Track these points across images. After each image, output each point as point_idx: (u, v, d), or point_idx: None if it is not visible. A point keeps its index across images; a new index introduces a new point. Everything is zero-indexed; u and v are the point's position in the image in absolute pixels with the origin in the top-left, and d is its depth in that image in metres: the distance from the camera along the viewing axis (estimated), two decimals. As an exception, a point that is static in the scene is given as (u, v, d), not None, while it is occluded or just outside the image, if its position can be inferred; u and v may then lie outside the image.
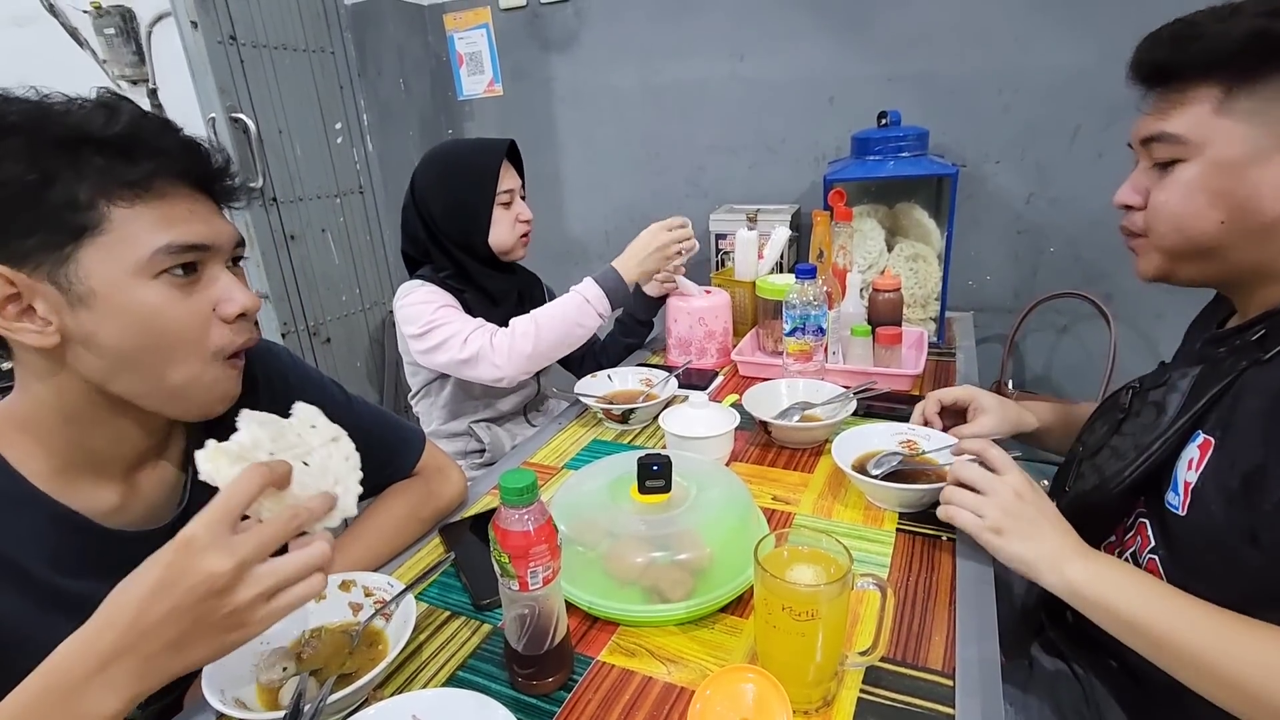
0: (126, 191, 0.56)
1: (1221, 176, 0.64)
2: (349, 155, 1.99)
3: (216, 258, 0.63)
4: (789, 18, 1.84)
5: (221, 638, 0.49)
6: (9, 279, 0.55)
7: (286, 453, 0.56)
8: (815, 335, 1.16)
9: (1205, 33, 0.63)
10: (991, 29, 1.64)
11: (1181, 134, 0.65)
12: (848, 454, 0.93)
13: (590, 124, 2.19)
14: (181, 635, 0.48)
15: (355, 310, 2.05)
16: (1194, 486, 0.66)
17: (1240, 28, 0.61)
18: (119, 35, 2.25)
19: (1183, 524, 0.66)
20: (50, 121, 0.55)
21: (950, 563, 0.77)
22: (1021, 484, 0.71)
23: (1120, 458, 0.73)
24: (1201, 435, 0.67)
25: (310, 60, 1.85)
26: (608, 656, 0.67)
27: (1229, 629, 0.57)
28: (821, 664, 0.58)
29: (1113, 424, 0.78)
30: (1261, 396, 0.62)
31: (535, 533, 0.57)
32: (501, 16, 2.16)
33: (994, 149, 1.71)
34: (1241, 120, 0.62)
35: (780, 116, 1.94)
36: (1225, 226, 0.65)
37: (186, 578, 0.47)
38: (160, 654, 0.48)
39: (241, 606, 0.48)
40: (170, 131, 0.61)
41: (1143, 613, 0.60)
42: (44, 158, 0.54)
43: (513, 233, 1.32)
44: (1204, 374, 0.69)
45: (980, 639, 0.66)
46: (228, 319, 0.63)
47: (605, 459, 0.87)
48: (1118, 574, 0.64)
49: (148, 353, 0.59)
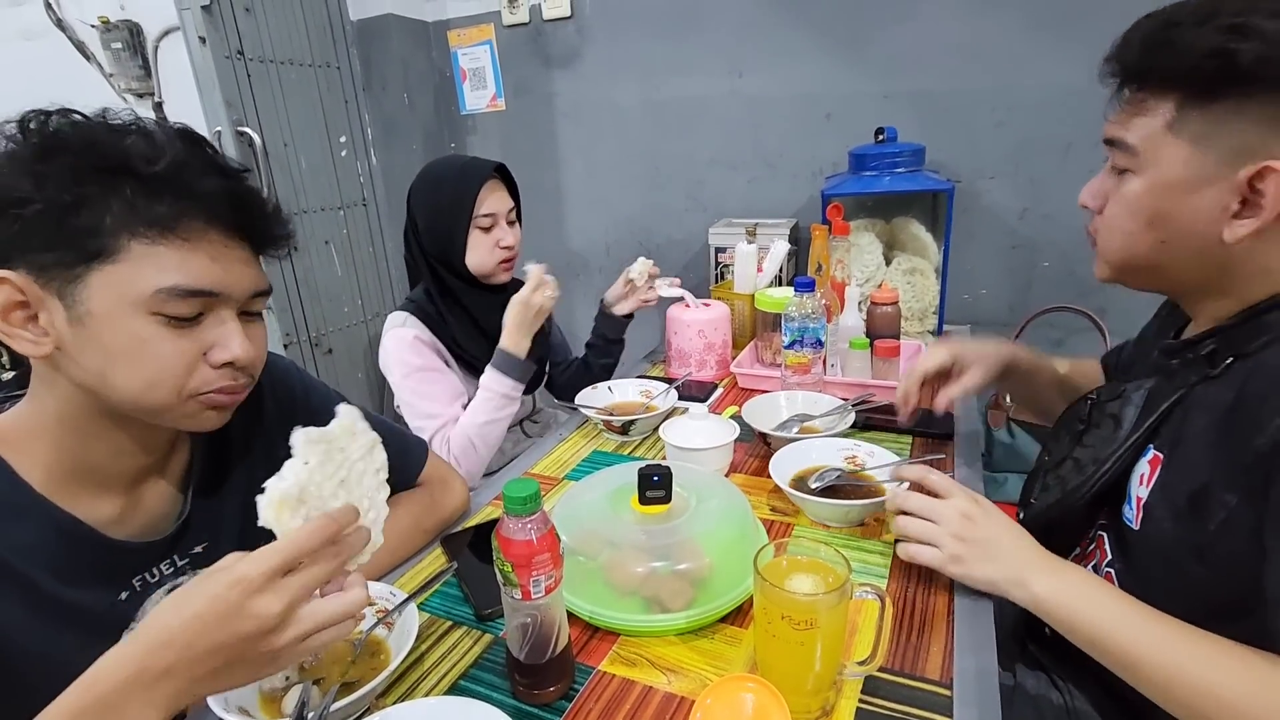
0: (150, 229, 0.57)
1: (1162, 198, 0.64)
2: (353, 168, 2.01)
3: (226, 304, 0.62)
4: (788, 36, 1.87)
5: (257, 671, 0.51)
6: (20, 288, 0.56)
7: (331, 477, 0.55)
8: (814, 348, 1.17)
9: (1174, 40, 0.61)
10: (986, 48, 1.67)
11: (1134, 144, 0.65)
12: (787, 469, 0.94)
13: (591, 139, 2.22)
14: (224, 665, 0.49)
15: (357, 321, 2.06)
16: (1145, 501, 0.67)
17: (1202, 42, 0.58)
18: (126, 49, 2.28)
19: (1136, 537, 0.67)
20: (99, 146, 0.57)
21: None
22: (967, 505, 0.71)
23: (1081, 471, 0.74)
24: (1152, 451, 0.68)
25: (316, 75, 1.88)
26: (608, 666, 0.68)
27: (1193, 645, 0.57)
28: (820, 673, 0.59)
29: (1074, 435, 0.79)
30: (1207, 414, 0.63)
31: (538, 542, 0.58)
32: (505, 33, 2.19)
33: (988, 165, 1.74)
34: (1188, 141, 0.61)
35: (779, 132, 1.96)
36: (1166, 246, 0.66)
37: (237, 618, 0.48)
38: (202, 679, 0.49)
39: (282, 647, 0.49)
40: (215, 174, 0.61)
41: (1108, 628, 0.61)
42: (83, 182, 0.55)
43: (491, 257, 1.30)
44: (1157, 387, 0.70)
45: (977, 650, 0.66)
46: (214, 364, 0.62)
47: (606, 470, 0.88)
48: (1083, 587, 0.64)
49: (127, 379, 0.59)
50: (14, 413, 0.65)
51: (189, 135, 0.62)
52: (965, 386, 0.93)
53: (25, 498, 0.61)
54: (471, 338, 1.33)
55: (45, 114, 0.57)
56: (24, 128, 0.56)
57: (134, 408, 0.61)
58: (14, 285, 0.56)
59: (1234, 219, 0.61)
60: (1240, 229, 0.61)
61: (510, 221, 1.33)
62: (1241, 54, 0.56)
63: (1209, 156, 0.60)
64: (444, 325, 1.31)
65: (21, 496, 0.61)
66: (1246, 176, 0.59)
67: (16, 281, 0.56)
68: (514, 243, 1.33)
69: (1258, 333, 0.62)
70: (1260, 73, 0.56)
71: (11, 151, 0.56)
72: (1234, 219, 0.61)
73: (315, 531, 0.51)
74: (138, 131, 0.59)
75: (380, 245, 2.12)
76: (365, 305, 2.09)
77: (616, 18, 2.04)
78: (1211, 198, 0.61)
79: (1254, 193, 0.59)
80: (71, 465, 0.64)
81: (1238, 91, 0.58)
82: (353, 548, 0.54)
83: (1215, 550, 0.59)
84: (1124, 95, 0.66)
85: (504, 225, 1.31)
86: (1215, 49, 0.57)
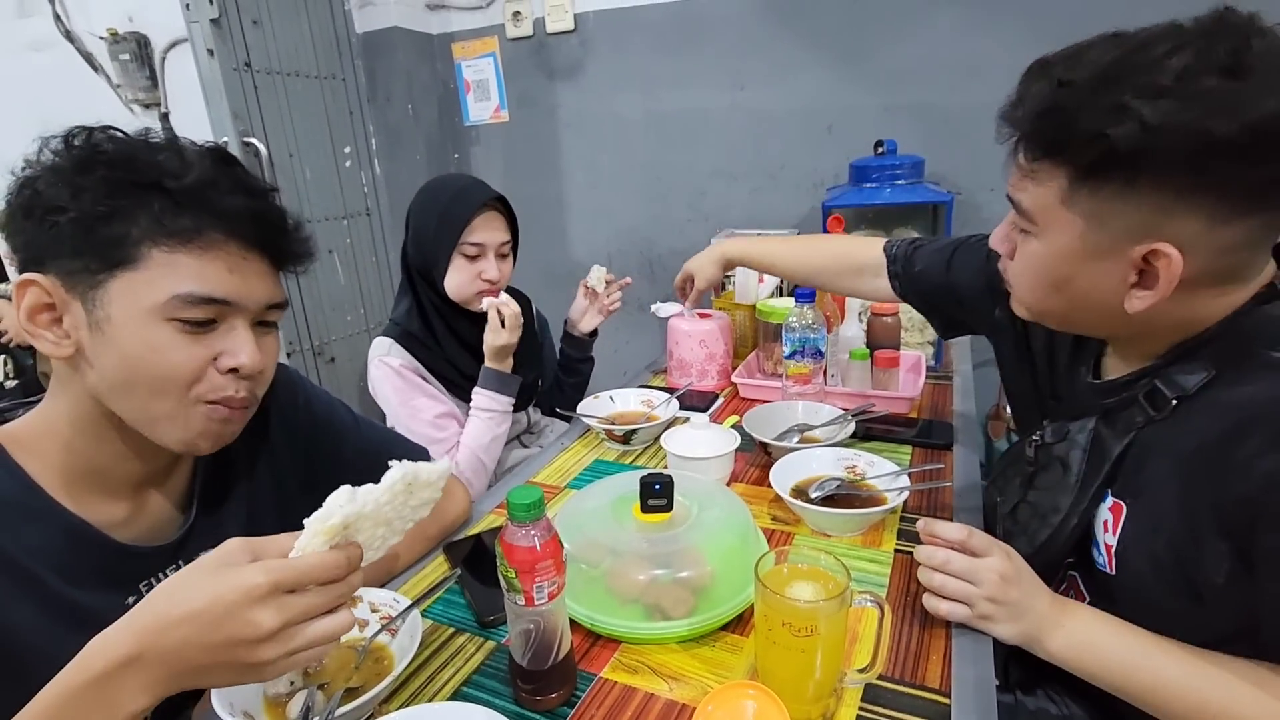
0: (171, 239, 0.59)
1: (1062, 265, 0.63)
2: (357, 178, 2.03)
3: (240, 314, 0.64)
4: (789, 49, 1.89)
5: (240, 676, 0.51)
6: (48, 290, 0.59)
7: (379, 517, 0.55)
8: (814, 358, 1.18)
9: (1063, 107, 0.57)
10: (985, 62, 1.69)
11: (1030, 210, 0.63)
12: (788, 478, 0.95)
13: (594, 150, 2.24)
14: (210, 665, 0.49)
15: (359, 330, 2.08)
16: (1116, 550, 0.66)
17: (1086, 122, 0.55)
18: (133, 60, 2.30)
19: (1114, 581, 0.67)
20: (133, 162, 0.59)
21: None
22: (1004, 565, 0.67)
23: (1042, 519, 0.73)
24: (1111, 498, 0.67)
25: (322, 86, 1.90)
26: (610, 673, 0.68)
27: (1215, 671, 0.58)
28: (821, 680, 0.59)
29: (1024, 477, 0.78)
30: (1166, 459, 0.62)
31: (541, 548, 0.59)
32: (509, 45, 2.22)
33: (988, 177, 1.75)
34: (1081, 216, 0.59)
35: (780, 144, 1.98)
36: (1073, 306, 0.66)
37: (234, 623, 0.48)
38: (187, 674, 0.50)
39: (268, 660, 0.49)
40: (241, 192, 0.63)
41: (1130, 669, 0.62)
42: (115, 195, 0.58)
43: (470, 286, 1.26)
44: (1100, 430, 0.70)
45: (976, 660, 0.67)
46: (221, 370, 0.63)
47: (608, 478, 0.89)
48: (1096, 635, 0.64)
49: (136, 384, 0.60)
50: (30, 415, 0.66)
51: (221, 155, 0.65)
52: (698, 289, 1.32)
53: (36, 500, 0.62)
54: (455, 355, 1.31)
55: (89, 130, 0.60)
56: (68, 142, 0.59)
57: (140, 416, 0.62)
58: (42, 288, 0.59)
59: (1134, 288, 0.60)
60: (1138, 302, 0.60)
61: (502, 255, 1.29)
62: (1121, 140, 0.53)
63: (1103, 233, 0.59)
64: (425, 347, 1.30)
65: (33, 499, 0.62)
66: (1140, 254, 0.57)
67: (44, 285, 0.59)
68: (498, 277, 1.27)
69: (1193, 370, 0.62)
70: (1140, 161, 0.54)
71: (55, 164, 0.59)
72: (1134, 288, 0.60)
73: (334, 564, 0.51)
74: (171, 149, 0.62)
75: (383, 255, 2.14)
76: (368, 314, 2.10)
77: (619, 31, 2.07)
78: (1109, 269, 0.60)
79: (1150, 267, 0.58)
80: (81, 468, 0.65)
81: (1122, 175, 0.56)
82: (354, 586, 0.54)
83: (1215, 593, 0.58)
84: (1018, 157, 0.64)
85: (491, 258, 1.26)
86: (1096, 133, 0.54)
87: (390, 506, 0.55)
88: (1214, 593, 0.58)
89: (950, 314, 1.02)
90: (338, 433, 0.89)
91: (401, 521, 0.58)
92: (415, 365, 1.28)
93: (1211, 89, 0.51)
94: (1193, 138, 0.52)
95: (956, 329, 1.05)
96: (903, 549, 0.85)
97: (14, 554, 0.60)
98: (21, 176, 0.59)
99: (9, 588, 0.59)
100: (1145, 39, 0.55)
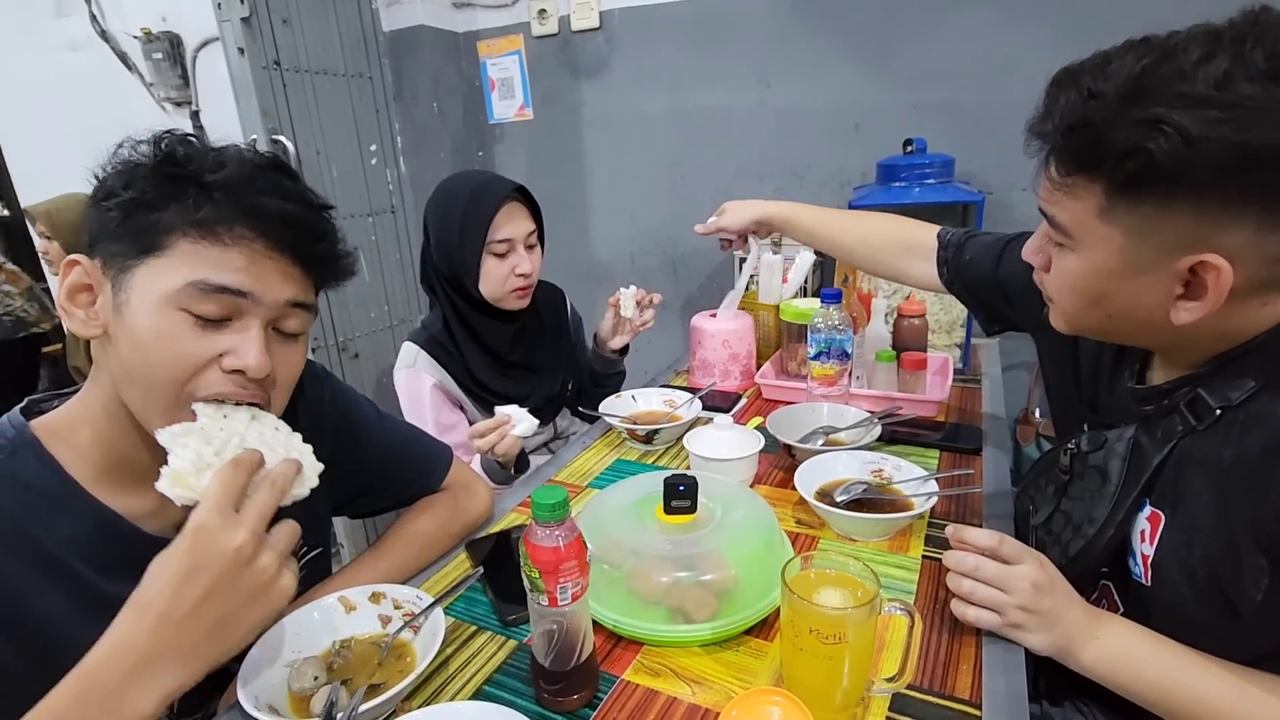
0: (199, 229, 0.60)
1: (1100, 280, 0.61)
2: (382, 176, 2.04)
3: (255, 312, 0.63)
4: (816, 47, 1.86)
5: (254, 610, 0.54)
6: (88, 271, 0.61)
7: (225, 447, 0.60)
8: (840, 359, 1.16)
9: (1095, 121, 0.55)
10: (1016, 61, 1.65)
11: (1066, 225, 0.61)
12: (812, 481, 0.93)
13: (618, 148, 2.23)
14: (220, 617, 0.51)
15: (383, 327, 2.09)
16: (1152, 560, 0.65)
17: (1120, 138, 0.53)
18: (166, 59, 2.34)
19: (1149, 593, 0.65)
20: (178, 157, 0.61)
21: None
22: (1037, 574, 0.65)
23: (1078, 531, 0.72)
24: (1149, 507, 0.66)
25: (349, 85, 1.91)
26: (632, 675, 0.67)
27: (1249, 685, 0.57)
28: (848, 689, 0.58)
29: (1058, 486, 0.76)
30: (1206, 471, 0.61)
31: (565, 549, 0.58)
32: (534, 44, 2.22)
33: (1020, 176, 1.71)
34: (1120, 231, 0.57)
35: (806, 143, 1.95)
36: (1113, 320, 0.64)
37: (213, 558, 0.51)
38: (202, 642, 0.51)
39: (266, 572, 0.53)
40: (278, 196, 0.63)
41: (1168, 683, 0.60)
42: (157, 185, 0.60)
43: (504, 285, 1.24)
44: (1139, 438, 0.68)
45: (1008, 670, 0.65)
46: (225, 369, 0.62)
47: (630, 479, 0.88)
48: (1132, 648, 0.63)
49: (138, 371, 0.61)
50: (67, 405, 0.68)
51: (273, 161, 0.67)
52: (717, 223, 1.24)
53: (68, 490, 0.63)
54: (485, 366, 1.30)
55: (172, 134, 0.63)
56: (154, 143, 0.62)
57: (139, 405, 0.62)
58: (83, 268, 0.62)
59: (1179, 300, 0.58)
60: (1185, 314, 0.57)
61: (530, 246, 1.26)
62: (1160, 154, 0.51)
63: (1145, 246, 0.56)
64: (455, 356, 1.28)
65: (65, 489, 0.63)
66: (1186, 266, 0.55)
67: (85, 265, 0.62)
68: (531, 270, 1.25)
69: (1238, 379, 0.60)
70: (1181, 174, 0.52)
71: (128, 158, 0.62)
72: (1179, 300, 0.58)
73: (232, 467, 0.56)
74: (220, 150, 0.64)
75: (407, 252, 2.16)
76: (392, 311, 2.12)
77: (644, 29, 2.06)
78: (1152, 283, 0.58)
79: (1196, 279, 0.56)
80: (112, 459, 0.66)
81: (1163, 190, 0.53)
82: (285, 476, 0.59)
83: (1252, 608, 0.57)
84: (1049, 171, 0.61)
85: (521, 251, 1.24)
86: (1132, 148, 0.52)
87: (217, 440, 0.60)
88: (1251, 608, 0.57)
89: (996, 308, 0.99)
90: (362, 428, 0.89)
91: (258, 441, 0.63)
92: (443, 378, 1.27)
93: (1252, 96, 0.49)
94: (1236, 148, 0.49)
95: (1000, 323, 1.01)
96: (930, 555, 0.83)
97: (46, 544, 0.61)
98: (104, 170, 0.63)
99: (40, 577, 0.60)
100: (1176, 44, 0.52)
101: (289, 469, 0.60)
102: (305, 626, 0.70)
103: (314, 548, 0.85)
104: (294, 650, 0.68)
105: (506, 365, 1.30)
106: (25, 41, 2.64)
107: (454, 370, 1.28)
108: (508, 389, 1.30)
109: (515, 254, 1.24)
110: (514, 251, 1.24)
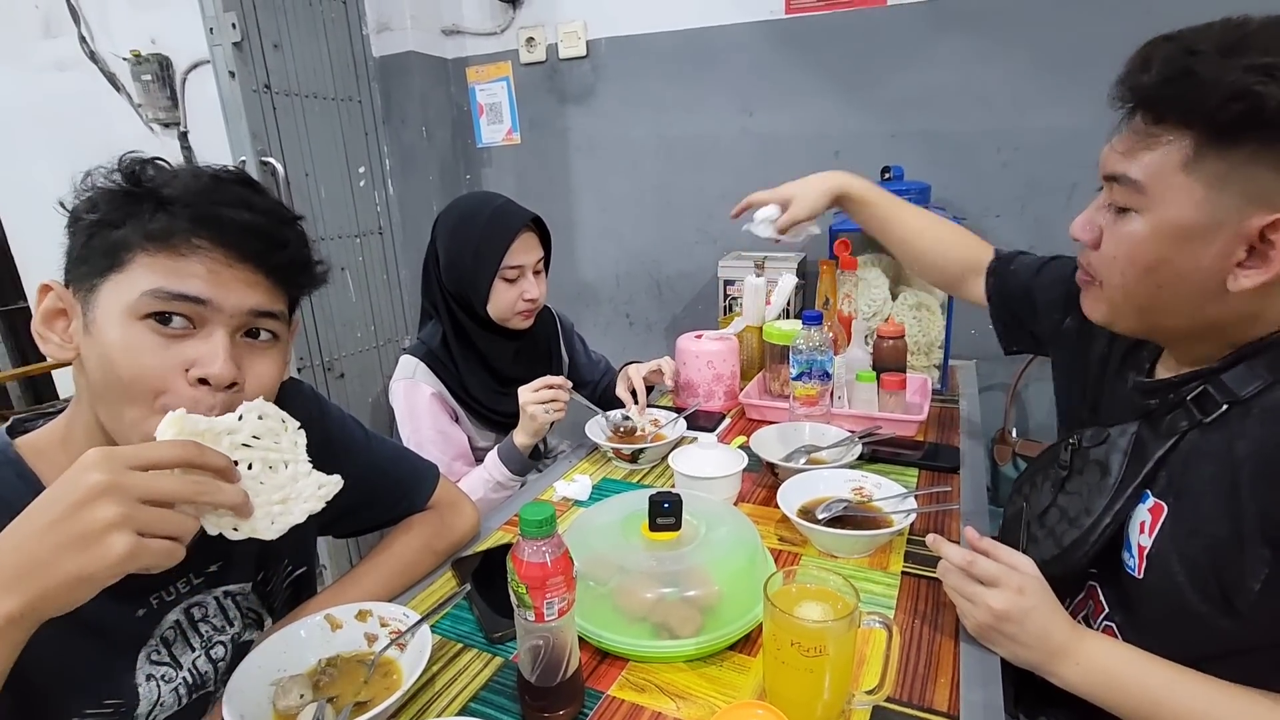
0: (155, 242, 0.60)
1: (1165, 241, 0.61)
2: (370, 198, 2.06)
3: (218, 319, 0.62)
4: (797, 77, 1.92)
5: (66, 558, 0.47)
6: (60, 295, 0.62)
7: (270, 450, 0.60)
8: (821, 380, 1.18)
9: (1197, 71, 0.56)
10: (991, 91, 1.71)
11: (1141, 180, 0.61)
12: (794, 499, 0.95)
13: (604, 173, 2.27)
14: (32, 554, 0.47)
15: (370, 347, 2.09)
16: (1149, 551, 0.65)
17: (1228, 80, 0.54)
18: (155, 81, 2.36)
19: (1140, 586, 0.66)
20: (136, 175, 0.62)
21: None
22: (1004, 605, 0.65)
23: (1072, 523, 0.72)
24: (1151, 498, 0.67)
25: (338, 108, 1.94)
26: (618, 691, 0.68)
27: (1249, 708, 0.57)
28: (829, 701, 0.60)
29: (1056, 481, 0.77)
30: (1212, 464, 0.62)
31: (552, 564, 0.59)
32: (522, 70, 2.26)
33: (994, 203, 1.77)
34: (1203, 184, 0.58)
35: (788, 169, 1.97)
36: (1160, 292, 0.64)
37: (58, 492, 0.48)
38: (18, 578, 0.47)
39: (95, 523, 0.47)
40: (241, 207, 0.63)
41: (1155, 701, 0.60)
42: (116, 204, 0.61)
43: (512, 308, 1.28)
44: (1142, 431, 0.69)
45: (985, 682, 0.67)
46: (191, 381, 0.61)
47: (616, 497, 0.89)
48: (1115, 665, 0.63)
49: (110, 388, 0.60)
50: (50, 424, 0.68)
51: (235, 174, 0.67)
52: (793, 215, 1.13)
53: None
54: (482, 384, 1.32)
55: (137, 155, 0.64)
56: (119, 168, 0.63)
57: (115, 423, 0.62)
58: (57, 293, 0.63)
59: (1239, 267, 0.59)
60: (1245, 280, 0.58)
61: (537, 272, 1.31)
62: (1270, 99, 0.52)
63: (1223, 200, 0.57)
64: (454, 371, 1.30)
65: None
66: (1259, 226, 0.56)
67: (57, 289, 0.63)
68: (538, 295, 1.29)
69: (1248, 377, 0.62)
70: None
71: (103, 186, 0.62)
72: (1239, 267, 0.59)
73: (172, 446, 0.52)
74: (179, 168, 0.64)
75: (394, 273, 2.17)
76: (378, 331, 2.12)
77: (630, 58, 2.11)
78: (1218, 244, 0.58)
79: (1263, 243, 0.57)
80: None
81: (1260, 137, 0.55)
82: (215, 491, 0.53)
83: (1248, 600, 0.58)
84: (1134, 124, 0.62)
85: (530, 277, 1.28)
86: (1241, 90, 0.53)
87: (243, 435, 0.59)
88: (1246, 600, 0.58)
89: (1020, 318, 1.01)
90: (349, 447, 0.90)
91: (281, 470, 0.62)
92: (441, 391, 1.28)
93: None
94: None
95: (1018, 338, 1.04)
96: (910, 571, 0.85)
97: None
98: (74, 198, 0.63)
99: None
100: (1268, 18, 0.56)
101: (232, 499, 0.55)
102: (291, 644, 0.70)
103: (299, 566, 0.85)
104: (279, 668, 0.68)
105: (504, 382, 1.31)
106: (13, 62, 2.64)
107: (451, 385, 1.30)
108: (504, 406, 1.31)
109: (525, 279, 1.28)
110: (524, 277, 1.28)
